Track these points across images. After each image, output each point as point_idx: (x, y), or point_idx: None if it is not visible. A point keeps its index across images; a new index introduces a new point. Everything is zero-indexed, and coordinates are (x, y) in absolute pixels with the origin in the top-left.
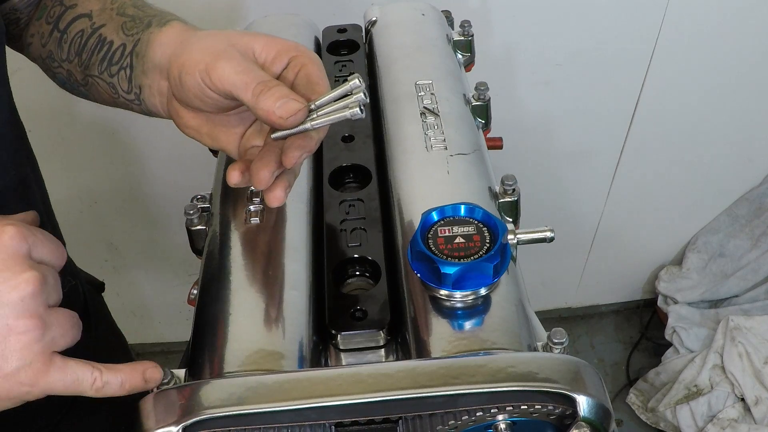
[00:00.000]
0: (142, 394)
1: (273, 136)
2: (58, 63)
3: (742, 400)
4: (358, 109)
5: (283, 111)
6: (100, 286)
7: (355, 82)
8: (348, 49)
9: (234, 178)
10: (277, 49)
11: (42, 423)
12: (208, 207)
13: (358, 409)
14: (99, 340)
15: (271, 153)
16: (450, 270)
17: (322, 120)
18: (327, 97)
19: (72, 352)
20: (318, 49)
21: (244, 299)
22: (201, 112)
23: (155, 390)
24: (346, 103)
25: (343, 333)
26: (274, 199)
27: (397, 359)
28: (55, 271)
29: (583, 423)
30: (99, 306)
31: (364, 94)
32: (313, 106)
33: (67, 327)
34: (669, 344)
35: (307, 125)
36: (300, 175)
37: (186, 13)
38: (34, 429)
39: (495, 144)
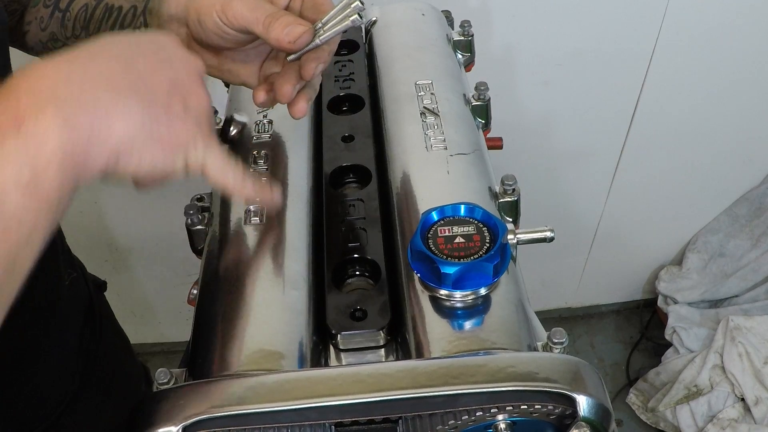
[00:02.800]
0: (144, 394)
1: (289, 59)
2: (62, 42)
3: (742, 400)
4: (357, 16)
5: (290, 36)
6: (102, 285)
7: None
8: (348, 49)
9: (260, 97)
10: None
11: (43, 415)
12: (208, 207)
13: (358, 409)
14: (103, 339)
15: (291, 70)
16: (450, 270)
17: (328, 33)
18: (329, 15)
19: (77, 351)
20: None
21: (243, 299)
22: (220, 51)
23: (156, 388)
24: (346, 13)
25: (343, 333)
26: (298, 110)
27: (397, 359)
28: None
29: (583, 423)
30: (103, 305)
31: (361, 2)
32: (319, 25)
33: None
34: (669, 344)
35: (317, 41)
36: (300, 175)
37: None
38: (34, 422)
39: (495, 144)
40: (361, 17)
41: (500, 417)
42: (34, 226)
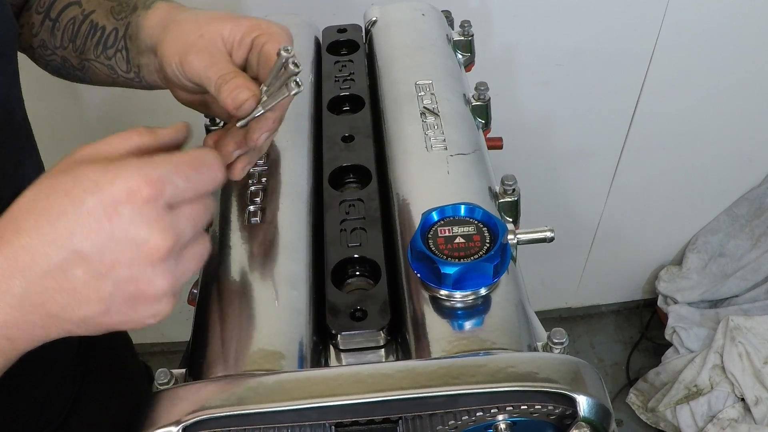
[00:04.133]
0: (147, 393)
1: (238, 125)
2: (51, 51)
3: (742, 400)
4: (293, 84)
5: (235, 102)
6: None
7: (282, 54)
8: (348, 49)
9: (209, 145)
10: (243, 32)
11: (49, 417)
12: None
13: (358, 409)
14: (103, 338)
15: (235, 133)
16: (450, 270)
17: (270, 104)
18: (269, 79)
19: (77, 351)
20: (318, 50)
21: (244, 299)
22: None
23: (156, 388)
24: (282, 81)
25: (343, 333)
26: (232, 173)
27: (397, 359)
28: (198, 205)
29: (583, 423)
30: None
31: (294, 65)
32: (264, 88)
33: (194, 268)
34: (669, 344)
35: (260, 108)
36: (300, 175)
37: None
38: (41, 423)
39: (495, 144)
40: (299, 84)
41: (500, 417)
42: None
